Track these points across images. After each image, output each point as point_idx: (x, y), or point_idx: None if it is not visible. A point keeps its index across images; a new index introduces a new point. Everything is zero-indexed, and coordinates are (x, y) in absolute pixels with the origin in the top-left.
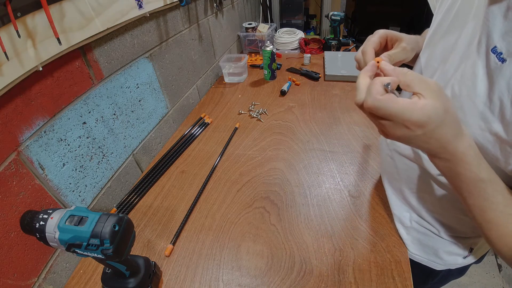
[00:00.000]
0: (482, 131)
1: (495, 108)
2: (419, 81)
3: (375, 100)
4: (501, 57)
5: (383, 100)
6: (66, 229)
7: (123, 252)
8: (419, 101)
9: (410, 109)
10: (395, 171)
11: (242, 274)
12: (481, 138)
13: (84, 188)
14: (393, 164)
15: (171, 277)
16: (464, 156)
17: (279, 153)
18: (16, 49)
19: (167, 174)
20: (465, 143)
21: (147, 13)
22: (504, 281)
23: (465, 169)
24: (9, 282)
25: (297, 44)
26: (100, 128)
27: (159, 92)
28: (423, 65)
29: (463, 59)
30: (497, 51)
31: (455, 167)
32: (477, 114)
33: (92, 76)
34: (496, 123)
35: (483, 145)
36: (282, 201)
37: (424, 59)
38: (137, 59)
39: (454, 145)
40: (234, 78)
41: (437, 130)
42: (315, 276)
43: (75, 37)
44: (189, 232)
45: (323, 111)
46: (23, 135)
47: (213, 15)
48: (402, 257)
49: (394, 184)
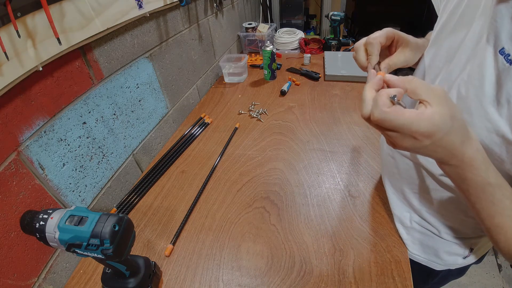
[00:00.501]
0: (489, 132)
1: (503, 110)
2: (426, 88)
3: (381, 112)
4: (509, 58)
5: (390, 113)
6: (66, 229)
7: (123, 252)
8: (426, 111)
9: (417, 120)
10: (396, 171)
11: (242, 274)
12: (487, 140)
13: (84, 188)
14: (394, 164)
15: (171, 277)
16: (472, 161)
17: (279, 153)
18: (16, 49)
19: (167, 174)
20: (473, 147)
21: (147, 13)
22: (504, 281)
23: (473, 174)
24: (9, 282)
25: (297, 44)
26: (100, 128)
27: (159, 92)
28: (427, 64)
29: (470, 59)
30: (505, 53)
31: (463, 172)
32: (484, 115)
33: (92, 76)
34: (503, 125)
35: (488, 146)
36: (282, 201)
37: (429, 58)
38: (137, 59)
39: (462, 150)
40: (234, 78)
41: (445, 138)
42: (315, 276)
43: (75, 37)
44: (189, 232)
45: (323, 111)
46: (23, 135)
47: (213, 15)
48: (402, 257)
49: (395, 184)
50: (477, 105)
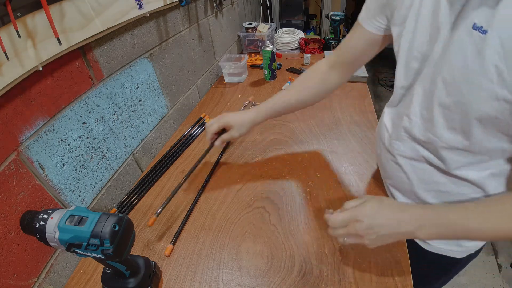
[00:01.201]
0: (488, 101)
1: (493, 76)
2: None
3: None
4: (483, 29)
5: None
6: (66, 229)
7: (123, 252)
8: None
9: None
10: (403, 175)
11: (242, 274)
12: (489, 109)
13: (84, 188)
14: (399, 169)
15: (171, 277)
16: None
17: (279, 153)
18: (16, 49)
19: (167, 174)
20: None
21: (147, 13)
22: (504, 281)
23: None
24: (9, 282)
25: (297, 44)
26: (100, 128)
27: (159, 92)
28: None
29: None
30: (477, 26)
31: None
32: (478, 88)
33: (92, 76)
34: (499, 89)
35: (491, 116)
36: (282, 201)
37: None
38: (137, 59)
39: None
40: (234, 78)
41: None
42: (315, 276)
43: (75, 37)
44: (189, 232)
45: (323, 111)
46: (23, 135)
47: (213, 15)
48: (402, 257)
49: (404, 188)
50: (468, 83)
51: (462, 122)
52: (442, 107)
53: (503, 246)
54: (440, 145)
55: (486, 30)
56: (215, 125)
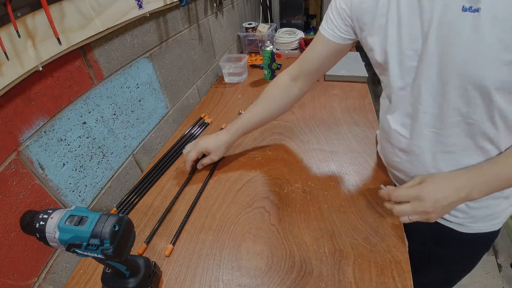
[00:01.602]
0: (499, 67)
1: (498, 47)
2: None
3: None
4: (473, 9)
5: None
6: (66, 229)
7: (123, 252)
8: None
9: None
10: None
11: (242, 274)
12: (502, 76)
13: (84, 188)
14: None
15: (171, 277)
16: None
17: (279, 153)
18: (16, 49)
19: (167, 174)
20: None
21: (147, 13)
22: (504, 281)
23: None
24: (9, 282)
25: (297, 44)
26: (100, 128)
27: (159, 92)
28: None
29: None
30: (466, 8)
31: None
32: (485, 62)
33: (92, 76)
34: (506, 55)
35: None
36: (282, 201)
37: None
38: (137, 59)
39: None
40: (234, 78)
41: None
42: (315, 276)
43: (75, 37)
44: (189, 232)
45: (323, 111)
46: (23, 135)
47: (213, 15)
48: (402, 257)
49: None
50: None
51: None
52: (459, 89)
53: (503, 246)
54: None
55: (478, 8)
56: (193, 153)
